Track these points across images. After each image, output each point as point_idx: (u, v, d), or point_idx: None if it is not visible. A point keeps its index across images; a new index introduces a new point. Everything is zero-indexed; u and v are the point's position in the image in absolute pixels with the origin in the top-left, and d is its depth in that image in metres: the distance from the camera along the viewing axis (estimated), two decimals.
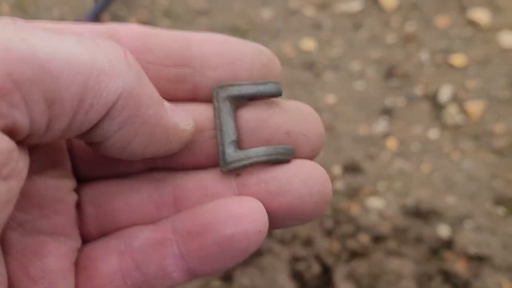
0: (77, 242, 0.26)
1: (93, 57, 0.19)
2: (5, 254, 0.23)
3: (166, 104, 0.24)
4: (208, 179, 0.26)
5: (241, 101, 0.26)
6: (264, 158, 0.25)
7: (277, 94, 0.26)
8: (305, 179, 0.25)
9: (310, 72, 1.55)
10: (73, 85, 0.18)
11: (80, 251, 0.26)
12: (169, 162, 0.27)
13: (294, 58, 1.60)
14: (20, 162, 0.18)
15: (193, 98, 0.26)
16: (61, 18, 1.77)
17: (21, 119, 0.18)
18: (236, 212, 0.24)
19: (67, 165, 0.26)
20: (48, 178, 0.25)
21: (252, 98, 0.26)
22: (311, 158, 0.26)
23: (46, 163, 0.25)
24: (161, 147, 0.23)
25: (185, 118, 0.24)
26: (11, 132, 0.18)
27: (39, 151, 0.24)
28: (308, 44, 1.64)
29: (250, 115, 0.26)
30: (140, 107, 0.21)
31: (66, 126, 0.19)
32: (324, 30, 1.67)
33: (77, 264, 0.25)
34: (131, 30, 0.25)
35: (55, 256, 0.24)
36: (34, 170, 0.22)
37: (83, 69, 0.19)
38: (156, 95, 0.22)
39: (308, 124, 0.26)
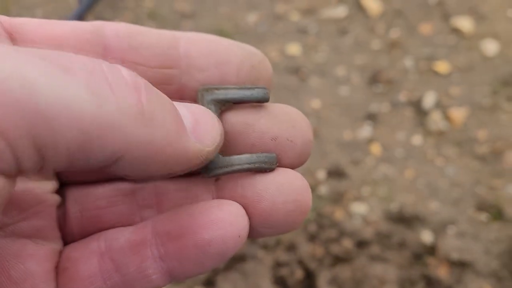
0: (58, 245, 0.25)
1: (100, 106, 0.17)
2: None
3: (189, 121, 0.22)
4: (188, 182, 0.26)
5: (226, 105, 0.25)
6: (246, 166, 0.24)
7: (264, 100, 0.25)
8: (281, 187, 0.24)
9: (296, 76, 1.55)
10: (71, 132, 0.16)
11: (61, 252, 0.25)
12: None
13: (280, 62, 1.60)
14: (4, 190, 0.17)
15: (180, 98, 0.25)
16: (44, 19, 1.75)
17: (4, 165, 0.16)
18: (216, 216, 0.23)
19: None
20: (28, 180, 0.24)
21: (238, 103, 0.25)
22: (298, 164, 0.26)
23: None
24: (184, 169, 0.22)
25: (211, 134, 0.22)
26: None
27: None
28: (294, 49, 1.64)
29: (236, 118, 0.25)
30: (155, 153, 0.19)
31: (62, 167, 0.18)
32: (309, 35, 1.68)
33: (58, 266, 0.25)
34: (117, 28, 0.24)
35: (35, 259, 0.24)
36: None
37: (86, 118, 0.17)
38: (173, 128, 0.20)
39: (296, 129, 0.25)
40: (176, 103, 0.21)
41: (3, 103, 0.15)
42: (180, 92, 0.25)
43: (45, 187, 0.25)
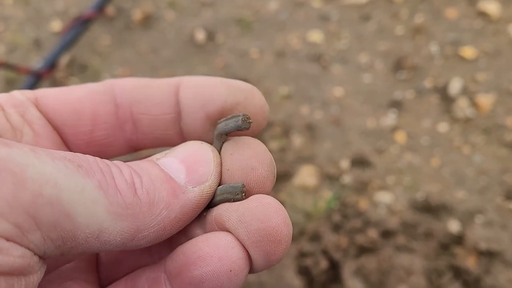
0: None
1: (110, 204, 0.22)
2: None
3: (182, 173, 0.26)
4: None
5: (224, 136, 0.28)
6: (218, 198, 0.26)
7: (244, 128, 0.27)
8: (253, 213, 0.26)
9: (318, 64, 1.53)
10: (88, 227, 0.21)
11: None
12: None
13: (301, 50, 1.57)
14: (40, 269, 0.21)
15: (183, 140, 0.30)
16: (65, 11, 1.75)
17: (40, 250, 0.20)
18: (203, 252, 0.24)
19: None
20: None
21: (228, 133, 0.28)
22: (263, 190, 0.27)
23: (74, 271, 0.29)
24: (197, 211, 0.26)
25: (205, 170, 0.26)
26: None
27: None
28: (315, 36, 1.61)
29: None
30: (164, 227, 0.25)
31: (81, 252, 0.22)
32: (331, 22, 1.65)
33: None
34: (123, 84, 0.29)
35: None
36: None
37: (99, 210, 0.21)
38: (169, 196, 0.25)
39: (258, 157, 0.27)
40: (167, 160, 0.26)
41: (39, 203, 0.19)
42: (180, 135, 0.30)
43: None
